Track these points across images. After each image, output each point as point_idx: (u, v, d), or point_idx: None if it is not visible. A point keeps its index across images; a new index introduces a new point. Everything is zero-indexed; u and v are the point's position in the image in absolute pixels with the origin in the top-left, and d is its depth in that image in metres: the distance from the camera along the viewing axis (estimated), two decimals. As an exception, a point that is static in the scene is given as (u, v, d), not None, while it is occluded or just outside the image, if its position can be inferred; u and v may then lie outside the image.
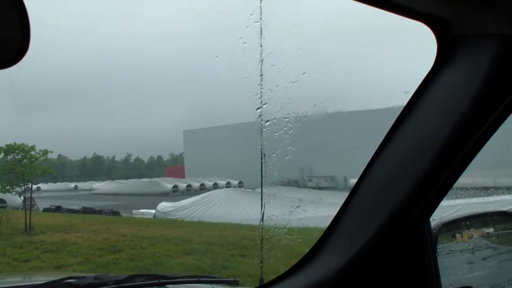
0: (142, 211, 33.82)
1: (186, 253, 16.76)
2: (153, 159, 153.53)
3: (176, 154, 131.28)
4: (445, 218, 2.53)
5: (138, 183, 70.63)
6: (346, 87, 38.86)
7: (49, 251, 17.10)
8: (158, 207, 32.32)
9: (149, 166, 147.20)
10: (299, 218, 8.52)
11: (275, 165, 3.58)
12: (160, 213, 31.44)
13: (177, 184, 60.97)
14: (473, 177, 16.33)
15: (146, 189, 59.34)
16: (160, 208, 32.20)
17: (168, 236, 20.28)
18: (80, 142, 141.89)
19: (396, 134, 2.10)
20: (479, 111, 1.87)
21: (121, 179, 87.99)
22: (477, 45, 1.84)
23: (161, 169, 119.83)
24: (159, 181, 64.79)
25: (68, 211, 35.68)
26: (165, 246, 17.97)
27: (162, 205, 32.79)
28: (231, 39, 3.02)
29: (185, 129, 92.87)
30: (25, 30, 1.42)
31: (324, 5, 6.72)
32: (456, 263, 2.57)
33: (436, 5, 1.77)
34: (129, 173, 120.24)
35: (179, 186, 60.22)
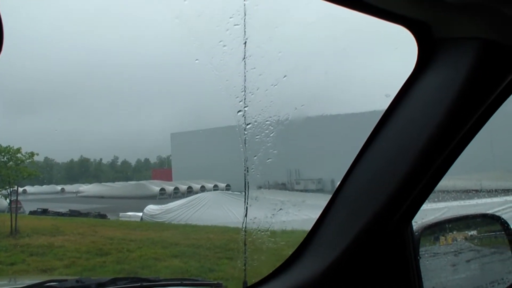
0: (129, 214, 33.66)
1: (173, 256, 16.72)
2: (141, 162, 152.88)
3: (164, 157, 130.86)
4: (427, 221, 2.54)
5: (125, 186, 70.27)
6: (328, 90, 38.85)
7: (35, 254, 17.01)
8: (145, 210, 32.18)
9: (136, 169, 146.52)
10: (282, 220, 8.54)
11: (257, 168, 3.58)
12: (147, 216, 31.30)
13: (164, 187, 60.69)
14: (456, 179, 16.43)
15: (133, 192, 59.04)
16: (147, 211, 32.06)
17: (155, 239, 20.23)
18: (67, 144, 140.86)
19: (377, 137, 2.11)
20: (460, 113, 1.89)
21: (108, 181, 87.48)
22: (457, 48, 1.85)
23: (148, 172, 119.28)
24: (146, 184, 64.49)
25: (54, 214, 35.47)
26: (152, 249, 17.91)
27: (149, 208, 32.65)
28: (210, 42, 3.03)
29: (172, 131, 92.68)
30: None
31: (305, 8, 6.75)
32: (438, 265, 2.58)
33: (416, 9, 1.79)
34: (116, 176, 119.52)
35: (166, 189, 59.96)
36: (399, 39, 2.31)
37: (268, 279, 2.37)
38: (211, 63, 2.99)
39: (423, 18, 1.83)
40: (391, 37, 3.04)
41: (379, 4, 1.75)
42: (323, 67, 21.84)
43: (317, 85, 27.04)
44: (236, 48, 2.94)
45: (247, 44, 2.87)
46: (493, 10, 1.65)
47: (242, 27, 2.87)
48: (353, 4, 1.74)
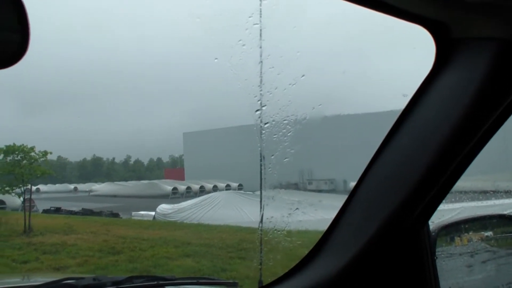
0: (142, 213, 33.75)
1: (185, 255, 16.74)
2: (153, 161, 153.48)
3: (176, 156, 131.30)
4: (443, 221, 2.53)
5: (138, 185, 70.52)
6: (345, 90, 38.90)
7: (48, 252, 17.09)
8: (157, 209, 32.26)
9: (149, 168, 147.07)
10: (298, 220, 8.50)
11: (274, 167, 3.57)
12: (159, 215, 31.39)
13: (176, 186, 60.86)
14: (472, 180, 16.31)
15: (145, 191, 59.25)
16: (160, 210, 32.14)
17: (167, 238, 20.26)
18: (80, 143, 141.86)
19: (394, 137, 2.10)
20: (477, 114, 1.87)
21: (121, 180, 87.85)
22: (475, 48, 1.84)
23: (160, 171, 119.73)
24: (159, 183, 64.70)
25: (67, 212, 35.65)
26: (164, 248, 17.94)
27: (162, 207, 32.74)
28: (230, 41, 3.02)
29: (185, 131, 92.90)
30: (24, 31, 1.43)
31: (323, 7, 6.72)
32: (455, 266, 2.57)
33: (434, 9, 1.77)
34: (129, 175, 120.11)
35: (178, 188, 60.13)
36: (416, 39, 2.30)
37: (284, 278, 2.37)
38: (230, 62, 2.99)
39: (441, 18, 1.82)
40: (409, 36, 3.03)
41: (397, 3, 1.74)
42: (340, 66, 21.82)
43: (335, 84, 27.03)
44: (255, 47, 2.93)
45: (265, 43, 2.86)
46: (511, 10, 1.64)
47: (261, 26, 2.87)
48: (371, 4, 1.73)
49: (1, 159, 23.94)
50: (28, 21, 1.42)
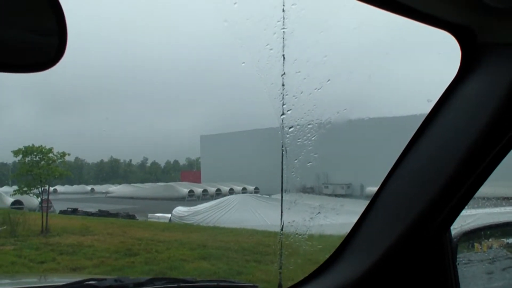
0: (158, 215, 33.86)
1: (201, 258, 16.76)
2: (170, 163, 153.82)
3: (193, 159, 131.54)
4: (465, 227, 2.51)
5: (154, 187, 70.70)
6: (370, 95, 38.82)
7: (65, 253, 17.20)
8: (173, 212, 32.36)
9: (166, 170, 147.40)
10: (320, 224, 8.48)
11: (297, 171, 3.57)
12: (175, 218, 31.47)
13: (193, 189, 60.98)
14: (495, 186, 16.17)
15: (162, 193, 59.41)
16: (176, 212, 32.23)
17: (183, 241, 20.31)
18: (97, 145, 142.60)
19: (418, 142, 2.09)
20: (502, 120, 1.86)
21: (138, 182, 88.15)
22: (501, 54, 1.83)
23: (177, 173, 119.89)
24: (175, 186, 64.82)
25: (84, 213, 35.87)
26: (180, 250, 17.98)
27: (178, 209, 32.83)
28: (257, 46, 3.01)
29: (202, 133, 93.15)
30: (62, 34, 1.45)
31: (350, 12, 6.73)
32: (476, 272, 2.55)
33: (461, 14, 1.76)
34: (146, 177, 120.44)
35: (195, 191, 60.24)
36: (442, 44, 2.28)
37: (303, 282, 2.36)
38: (257, 66, 2.98)
39: (468, 23, 1.81)
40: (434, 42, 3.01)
41: (423, 9, 1.73)
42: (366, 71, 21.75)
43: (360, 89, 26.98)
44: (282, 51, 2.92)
45: (292, 48, 2.86)
46: None
47: (289, 31, 2.87)
48: (398, 9, 1.73)
49: (20, 159, 24.15)
50: (65, 24, 1.44)
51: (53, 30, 1.43)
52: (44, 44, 1.45)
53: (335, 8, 3.51)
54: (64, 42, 1.44)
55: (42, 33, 1.44)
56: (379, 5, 1.70)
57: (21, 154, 23.84)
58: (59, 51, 1.44)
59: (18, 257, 16.28)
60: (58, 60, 1.44)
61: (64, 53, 1.41)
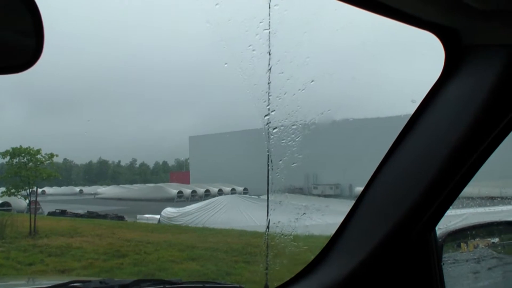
0: (147, 216, 33.79)
1: (190, 259, 16.74)
2: (159, 164, 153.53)
3: (182, 159, 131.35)
4: (450, 227, 2.52)
5: (143, 188, 70.53)
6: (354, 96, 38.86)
7: (53, 255, 17.13)
8: (162, 213, 32.30)
9: (154, 171, 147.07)
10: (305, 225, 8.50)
11: (282, 172, 3.58)
12: (164, 219, 31.41)
13: (182, 190, 60.83)
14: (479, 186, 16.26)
15: (151, 194, 59.23)
16: (165, 213, 32.17)
17: (172, 242, 20.26)
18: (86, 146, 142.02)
19: (403, 143, 2.10)
20: (486, 121, 1.87)
21: (126, 184, 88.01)
22: (485, 55, 1.84)
23: (166, 174, 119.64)
24: (164, 187, 64.65)
25: (72, 215, 35.72)
26: (169, 251, 17.95)
27: (167, 210, 32.76)
28: (240, 47, 3.02)
29: (191, 135, 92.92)
30: (39, 36, 1.43)
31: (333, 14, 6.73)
32: (461, 272, 2.56)
33: (445, 15, 1.78)
34: (134, 178, 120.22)
35: (184, 192, 60.11)
36: (426, 45, 2.29)
37: (290, 283, 2.37)
38: (240, 67, 2.99)
39: (452, 25, 1.82)
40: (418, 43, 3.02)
41: (407, 10, 1.74)
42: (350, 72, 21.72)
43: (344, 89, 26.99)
44: (266, 52, 2.93)
45: (275, 49, 2.87)
46: None
47: (271, 31, 2.87)
48: (382, 10, 1.74)
49: (8, 161, 23.98)
50: (42, 25, 1.42)
51: (30, 31, 1.42)
52: (21, 46, 1.43)
53: (318, 9, 3.52)
54: (41, 43, 1.43)
55: (19, 34, 1.43)
56: (363, 7, 1.70)
57: (8, 155, 23.68)
58: (36, 53, 1.43)
59: (5, 259, 16.19)
60: (35, 62, 1.42)
61: (41, 54, 1.40)
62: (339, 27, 8.93)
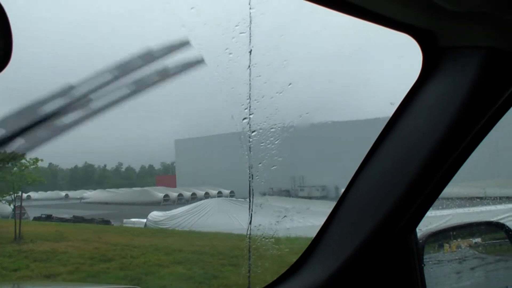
0: (133, 220, 33.65)
1: (177, 263, 16.69)
2: (145, 168, 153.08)
3: (168, 163, 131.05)
4: (431, 229, 2.54)
5: (129, 192, 70.10)
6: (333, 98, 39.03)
7: (39, 260, 17.02)
8: (149, 216, 32.16)
9: (141, 175, 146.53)
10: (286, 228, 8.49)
11: (262, 175, 3.58)
12: (151, 222, 31.28)
13: (168, 193, 60.60)
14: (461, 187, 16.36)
15: (137, 198, 58.92)
16: (151, 217, 32.03)
17: (159, 246, 20.20)
18: (71, 150, 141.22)
19: (382, 145, 2.11)
20: (464, 121, 1.89)
21: (112, 188, 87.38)
22: (462, 57, 1.85)
23: (152, 178, 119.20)
24: (150, 190, 64.33)
25: (58, 220, 35.52)
26: (156, 255, 17.89)
27: (153, 214, 32.62)
28: (216, 50, 3.02)
29: (177, 138, 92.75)
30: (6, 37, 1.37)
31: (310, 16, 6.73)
32: (443, 273, 2.58)
33: (421, 18, 1.79)
34: (121, 182, 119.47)
35: (170, 195, 59.88)
36: (404, 47, 2.31)
37: (272, 286, 2.37)
38: (216, 71, 3.00)
39: (428, 27, 1.83)
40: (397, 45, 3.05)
41: (384, 12, 1.75)
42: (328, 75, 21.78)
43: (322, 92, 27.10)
44: (242, 56, 2.94)
45: (252, 52, 2.87)
46: (498, 19, 1.65)
47: (248, 35, 2.88)
48: (359, 13, 1.74)
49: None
50: (10, 26, 1.37)
51: None
52: None
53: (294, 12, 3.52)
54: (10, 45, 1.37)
55: None
56: (340, 9, 1.70)
57: (-8, 160, 23.50)
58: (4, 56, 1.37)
59: (-10, 265, 16.10)
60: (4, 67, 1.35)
61: (11, 57, 1.32)
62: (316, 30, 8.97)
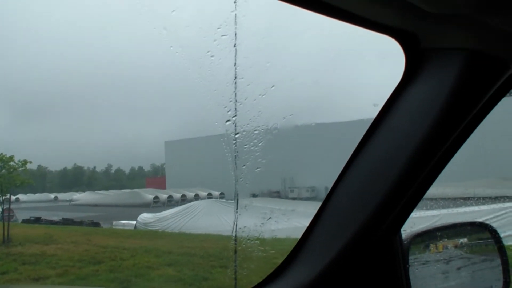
0: (123, 222, 33.64)
1: (166, 265, 16.67)
2: (134, 170, 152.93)
3: (158, 165, 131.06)
4: (416, 230, 2.55)
5: (119, 194, 70.05)
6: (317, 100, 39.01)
7: (28, 263, 16.95)
8: (139, 218, 32.14)
9: (130, 177, 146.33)
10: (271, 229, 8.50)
11: (246, 177, 3.59)
12: (141, 224, 31.27)
13: (158, 195, 60.59)
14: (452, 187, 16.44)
15: (127, 200, 58.88)
16: (141, 219, 32.01)
17: (148, 248, 20.17)
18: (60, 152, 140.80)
19: (366, 146, 2.12)
20: (447, 122, 1.90)
21: (102, 190, 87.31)
22: (444, 58, 1.86)
23: (142, 180, 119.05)
24: (140, 192, 64.28)
25: (47, 222, 35.42)
26: (146, 257, 17.87)
27: (143, 216, 32.61)
28: (198, 53, 3.04)
29: (166, 140, 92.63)
30: None
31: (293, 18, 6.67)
32: (428, 273, 2.59)
33: (403, 20, 1.79)
34: (110, 184, 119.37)
35: (160, 197, 59.88)
36: (387, 49, 2.32)
37: (258, 287, 2.37)
38: (199, 73, 3.01)
39: (410, 29, 1.84)
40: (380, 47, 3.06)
41: (365, 15, 1.75)
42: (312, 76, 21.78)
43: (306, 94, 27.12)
44: (224, 58, 2.95)
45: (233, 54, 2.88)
46: (478, 21, 1.66)
47: (229, 37, 2.88)
48: (341, 15, 1.74)
49: (-20, 168, 23.69)
50: None
51: None
52: None
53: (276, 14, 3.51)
54: None
55: None
56: (321, 11, 1.70)
57: (-20, 163, 23.41)
58: None
59: (-22, 268, 16.00)
60: None
61: None
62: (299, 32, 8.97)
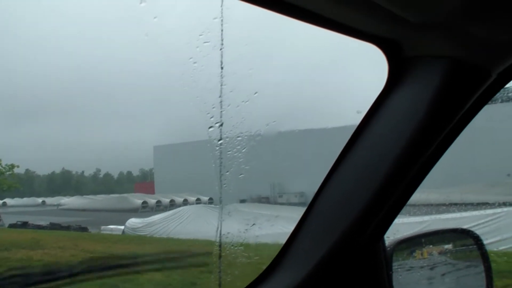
0: (111, 227, 33.46)
1: (155, 270, 16.61)
2: (123, 174, 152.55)
3: (146, 169, 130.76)
4: (399, 236, 2.56)
5: (107, 198, 69.75)
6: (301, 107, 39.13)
7: (13, 268, 16.83)
8: (127, 223, 31.99)
9: (119, 181, 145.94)
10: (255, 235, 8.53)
11: (230, 183, 3.60)
12: (129, 229, 31.12)
13: (146, 200, 60.35)
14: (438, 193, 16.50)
15: (115, 205, 58.60)
16: (129, 224, 31.87)
17: (137, 253, 20.09)
18: (48, 156, 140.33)
19: (349, 153, 2.13)
20: (429, 130, 1.92)
21: (90, 194, 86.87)
22: (426, 66, 1.88)
23: (130, 184, 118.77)
24: (129, 197, 64.02)
25: (35, 227, 35.17)
26: (134, 262, 17.80)
27: (131, 221, 32.47)
28: (181, 59, 3.05)
29: (155, 144, 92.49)
30: None
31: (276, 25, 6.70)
32: (411, 280, 2.60)
33: (385, 28, 1.81)
34: (98, 189, 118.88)
35: (148, 202, 59.63)
36: (370, 57, 2.33)
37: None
38: (181, 79, 3.03)
39: (393, 37, 1.85)
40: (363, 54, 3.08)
41: (349, 23, 1.76)
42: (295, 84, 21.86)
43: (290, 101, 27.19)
44: (206, 65, 2.96)
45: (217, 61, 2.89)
46: (460, 30, 1.68)
47: (212, 44, 2.90)
48: (324, 23, 1.75)
49: (-34, 173, 23.61)
50: None
51: None
52: None
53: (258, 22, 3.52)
54: None
55: None
56: (304, 19, 1.70)
57: (-33, 167, 23.31)
58: None
59: (-37, 274, 15.86)
60: None
61: None
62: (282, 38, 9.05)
